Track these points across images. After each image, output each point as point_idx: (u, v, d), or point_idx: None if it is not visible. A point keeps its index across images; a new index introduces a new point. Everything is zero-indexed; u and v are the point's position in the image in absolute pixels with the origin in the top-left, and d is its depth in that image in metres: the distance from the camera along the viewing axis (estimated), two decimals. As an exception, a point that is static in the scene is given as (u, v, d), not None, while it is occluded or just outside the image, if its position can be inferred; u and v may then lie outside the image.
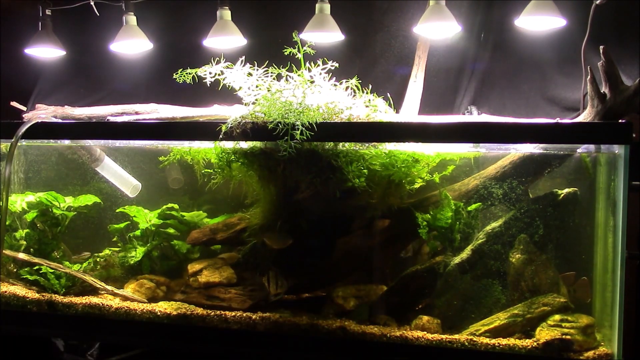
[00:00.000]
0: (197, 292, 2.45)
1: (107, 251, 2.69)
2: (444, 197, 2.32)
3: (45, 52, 3.15)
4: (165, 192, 2.78)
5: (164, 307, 2.42)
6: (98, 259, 2.66)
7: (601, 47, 2.09)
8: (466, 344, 2.12)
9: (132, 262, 2.63)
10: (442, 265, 2.29)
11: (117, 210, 2.74)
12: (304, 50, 2.22)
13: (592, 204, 2.30)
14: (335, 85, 2.28)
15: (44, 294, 2.53)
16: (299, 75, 2.26)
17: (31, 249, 2.67)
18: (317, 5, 2.63)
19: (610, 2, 2.48)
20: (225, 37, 2.79)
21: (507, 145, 2.29)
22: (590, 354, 2.06)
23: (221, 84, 2.30)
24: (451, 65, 2.81)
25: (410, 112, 2.59)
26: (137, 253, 2.64)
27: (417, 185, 2.36)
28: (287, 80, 2.26)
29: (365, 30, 2.90)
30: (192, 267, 2.50)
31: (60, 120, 2.66)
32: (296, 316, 2.29)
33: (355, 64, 2.89)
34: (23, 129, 2.38)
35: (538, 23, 2.52)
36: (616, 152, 2.08)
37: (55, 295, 2.53)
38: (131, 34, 2.95)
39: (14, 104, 2.97)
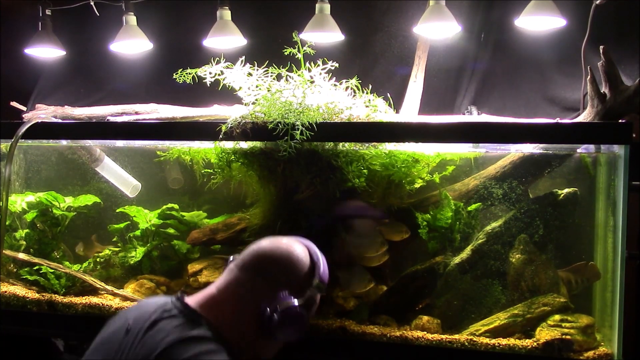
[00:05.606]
0: (197, 292, 2.45)
1: (107, 251, 2.70)
2: (444, 197, 2.32)
3: (45, 52, 3.14)
4: (165, 192, 2.78)
5: (164, 307, 2.42)
6: (98, 259, 2.66)
7: (601, 47, 2.09)
8: (466, 344, 2.12)
9: (132, 262, 2.63)
10: (442, 265, 2.29)
11: (117, 210, 2.74)
12: (304, 50, 2.22)
13: (592, 204, 2.29)
14: (335, 85, 2.28)
15: (44, 294, 2.53)
16: (299, 75, 2.26)
17: (31, 249, 2.67)
18: (317, 5, 2.63)
19: (610, 2, 2.48)
20: (225, 37, 2.78)
21: (507, 145, 2.29)
22: (590, 354, 2.06)
23: (221, 84, 2.30)
24: (451, 65, 2.80)
25: (410, 112, 2.59)
26: (137, 253, 2.64)
27: (417, 185, 2.36)
28: (287, 80, 2.26)
29: (365, 30, 2.90)
30: (192, 267, 2.50)
31: (60, 120, 2.65)
32: (296, 316, 2.28)
33: (355, 64, 2.88)
34: (23, 129, 2.38)
35: (538, 23, 2.52)
36: (616, 152, 2.08)
37: (55, 295, 2.53)
38: (131, 34, 2.94)
39: (14, 104, 2.97)
